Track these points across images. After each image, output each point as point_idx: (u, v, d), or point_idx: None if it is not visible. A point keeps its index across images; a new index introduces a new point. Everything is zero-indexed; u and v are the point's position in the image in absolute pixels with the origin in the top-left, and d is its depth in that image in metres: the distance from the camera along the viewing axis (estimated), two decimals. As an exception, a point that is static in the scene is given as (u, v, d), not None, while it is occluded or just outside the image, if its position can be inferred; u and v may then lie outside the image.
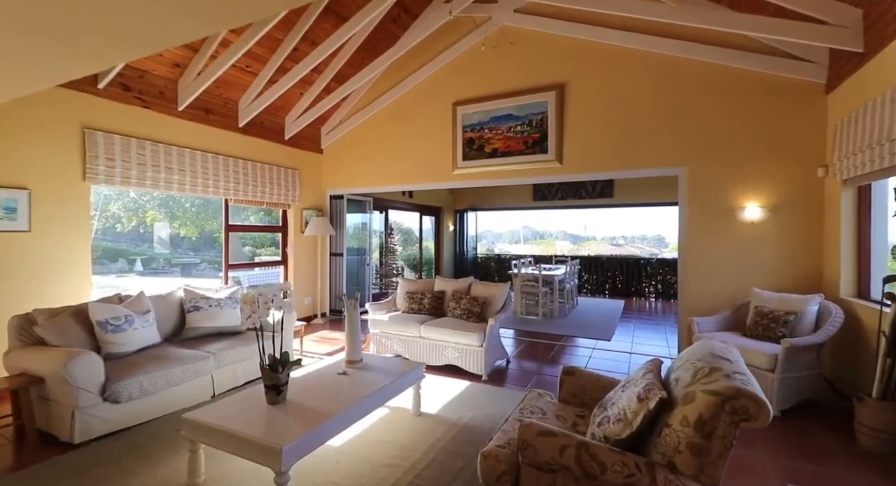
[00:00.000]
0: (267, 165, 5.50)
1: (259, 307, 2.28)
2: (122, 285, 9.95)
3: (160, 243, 10.67)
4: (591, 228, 21.44)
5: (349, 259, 6.81)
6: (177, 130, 4.50)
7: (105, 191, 9.39)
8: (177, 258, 11.09)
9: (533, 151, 4.98)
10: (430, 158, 5.65)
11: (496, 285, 4.23)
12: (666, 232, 17.96)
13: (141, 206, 9.80)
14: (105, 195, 9.26)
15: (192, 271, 9.66)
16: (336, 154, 6.43)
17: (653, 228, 19.28)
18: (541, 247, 33.95)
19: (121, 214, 9.78)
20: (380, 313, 4.44)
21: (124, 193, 9.18)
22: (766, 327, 3.32)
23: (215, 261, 10.07)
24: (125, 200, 9.60)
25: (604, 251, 27.48)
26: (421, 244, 10.04)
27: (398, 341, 4.15)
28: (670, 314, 7.14)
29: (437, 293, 4.43)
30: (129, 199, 9.57)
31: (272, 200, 5.60)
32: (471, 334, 3.71)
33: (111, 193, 9.28)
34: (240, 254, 10.00)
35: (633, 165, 4.49)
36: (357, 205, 7.07)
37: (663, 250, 35.46)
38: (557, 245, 34.61)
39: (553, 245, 34.53)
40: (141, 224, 10.65)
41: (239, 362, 3.49)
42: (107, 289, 9.30)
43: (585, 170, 4.74)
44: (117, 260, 11.03)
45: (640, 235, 34.58)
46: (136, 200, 9.62)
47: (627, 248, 34.19)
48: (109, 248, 10.90)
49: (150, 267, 11.07)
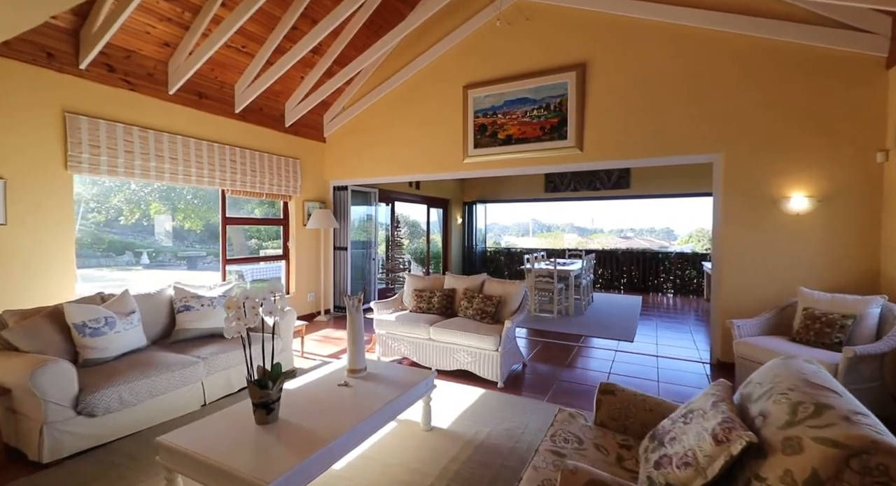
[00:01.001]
0: (266, 155, 5.19)
1: (246, 313, 1.96)
2: (128, 277, 9.80)
3: (165, 236, 10.48)
4: (598, 221, 20.93)
5: (354, 253, 6.51)
6: (168, 115, 4.19)
7: (105, 182, 9.17)
8: (183, 251, 10.90)
9: (551, 137, 4.60)
10: (439, 146, 5.30)
11: (512, 282, 3.89)
12: (675, 224, 17.43)
13: (142, 198, 9.58)
14: (106, 187, 9.05)
15: (199, 263, 9.46)
16: (339, 143, 6.09)
17: (662, 221, 18.67)
18: (548, 240, 33.53)
19: (122, 207, 9.58)
20: (385, 312, 4.14)
21: (125, 184, 8.96)
22: (819, 333, 2.96)
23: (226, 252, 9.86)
24: (126, 192, 9.38)
25: (613, 244, 26.98)
26: (428, 238, 9.71)
27: (406, 344, 3.84)
28: (690, 311, 6.76)
29: (447, 292, 4.11)
30: (130, 191, 9.34)
31: (272, 192, 5.29)
32: (485, 337, 3.38)
33: (111, 184, 9.06)
34: (244, 247, 9.77)
35: (662, 151, 4.10)
36: (362, 196, 6.75)
37: (672, 242, 34.80)
38: (565, 238, 34.16)
39: (561, 238, 34.08)
40: (144, 217, 10.45)
41: (234, 367, 3.20)
42: (109, 283, 9.10)
43: (608, 157, 4.36)
44: (124, 253, 10.85)
45: (648, 227, 33.78)
46: (137, 192, 9.40)
47: (637, 241, 33.69)
48: (116, 240, 10.72)
49: (157, 260, 10.89)
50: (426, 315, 3.96)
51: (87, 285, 8.53)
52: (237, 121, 4.87)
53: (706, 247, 29.59)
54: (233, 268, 9.02)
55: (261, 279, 7.77)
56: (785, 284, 3.60)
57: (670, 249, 11.52)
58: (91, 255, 10.04)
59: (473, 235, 10.26)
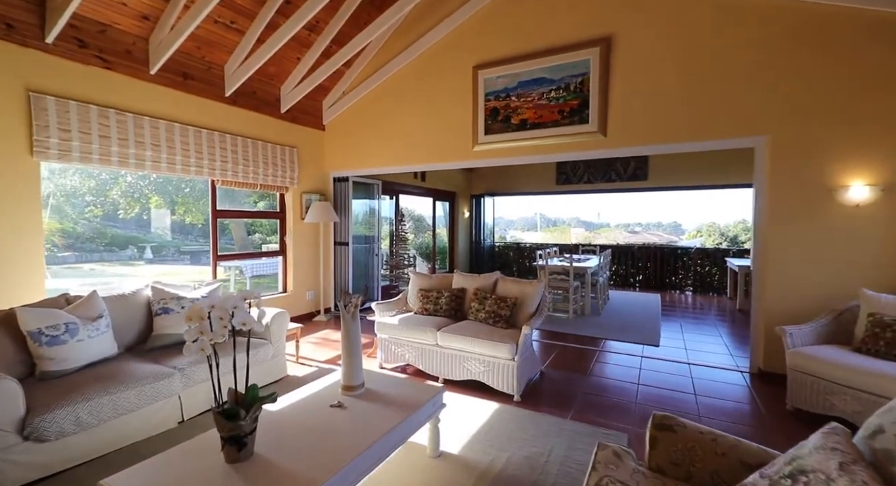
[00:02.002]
0: (260, 143, 4.80)
1: (212, 327, 1.59)
2: (129, 273, 9.53)
3: (167, 230, 10.20)
4: (604, 215, 20.46)
5: (356, 248, 6.14)
6: (149, 97, 3.81)
7: (102, 175, 8.86)
8: (186, 245, 10.61)
9: (570, 120, 4.17)
10: (447, 133, 4.88)
11: (528, 282, 3.49)
12: (683, 219, 16.93)
13: (140, 191, 9.28)
14: (102, 180, 8.74)
15: (202, 258, 9.18)
16: (339, 130, 5.70)
17: (669, 215, 18.15)
18: (554, 235, 32.97)
19: (119, 201, 9.29)
20: (388, 314, 3.76)
21: (120, 176, 8.64)
22: (892, 343, 2.53)
23: (226, 249, 9.55)
24: (122, 185, 9.08)
25: (621, 239, 26.44)
26: (434, 232, 9.32)
27: (410, 349, 3.47)
28: (715, 311, 6.32)
29: (456, 292, 3.72)
30: (126, 184, 9.04)
31: (267, 183, 4.91)
32: (499, 344, 2.99)
33: (107, 177, 8.75)
34: (246, 242, 9.44)
35: (697, 135, 3.66)
36: (364, 189, 6.36)
37: (680, 237, 33.99)
38: (572, 233, 33.58)
39: (567, 233, 33.52)
40: (144, 210, 10.15)
41: (223, 376, 2.84)
42: (109, 278, 8.80)
43: (634, 143, 3.92)
44: (127, 247, 10.58)
45: (655, 222, 33.07)
46: (134, 185, 9.10)
47: (646, 235, 33.02)
48: (119, 235, 10.44)
49: (160, 255, 10.61)
50: (433, 318, 3.58)
51: (84, 282, 8.22)
52: (228, 105, 4.48)
53: (717, 242, 28.68)
54: (227, 264, 8.71)
55: (261, 275, 7.43)
56: (841, 285, 3.17)
57: (688, 244, 11.05)
58: (93, 249, 9.77)
59: (481, 229, 9.85)
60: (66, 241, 8.82)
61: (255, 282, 8.35)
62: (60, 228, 8.64)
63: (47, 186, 8.01)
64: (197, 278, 10.27)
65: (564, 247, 9.31)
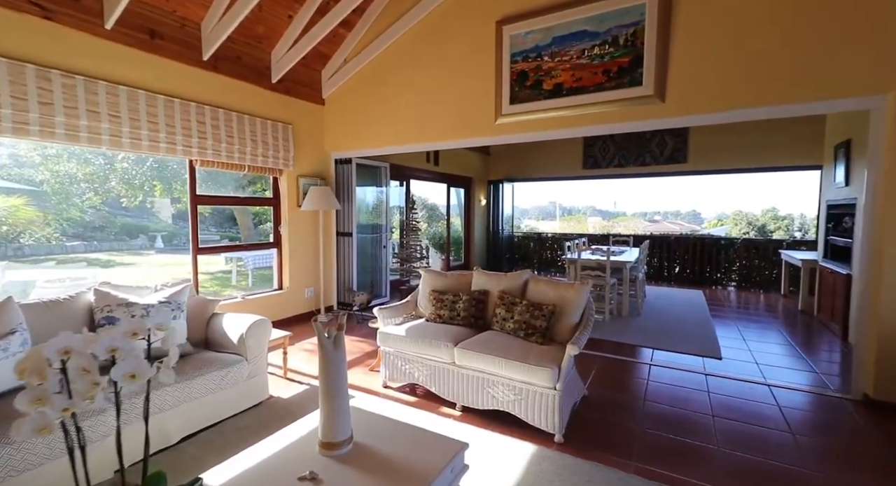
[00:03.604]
0: (248, 117, 4.13)
1: (68, 384, 0.92)
2: (138, 262, 9.11)
3: (179, 218, 9.75)
4: (620, 203, 19.55)
5: (361, 239, 5.48)
6: (105, 57, 3.15)
7: (97, 160, 8.32)
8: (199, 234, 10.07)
9: (618, 83, 3.37)
10: (464, 104, 4.13)
11: (569, 285, 2.76)
12: (703, 206, 15.94)
13: (136, 177, 8.77)
14: (96, 165, 8.25)
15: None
16: (341, 105, 4.98)
17: (688, 203, 17.17)
18: (570, 224, 31.86)
19: (117, 187, 8.81)
20: (393, 320, 3.08)
21: (115, 160, 8.13)
22: None
23: (237, 238, 9.03)
24: (119, 171, 8.58)
25: (639, 228, 25.21)
26: (448, 221, 8.60)
27: (420, 367, 2.79)
28: (765, 311, 5.48)
29: (477, 295, 3.01)
30: (122, 169, 8.54)
31: (256, 164, 4.25)
32: (536, 368, 2.28)
33: (102, 161, 8.24)
34: (253, 232, 8.89)
35: (790, 97, 2.83)
36: (370, 173, 5.66)
37: (701, 226, 32.38)
38: (589, 222, 32.44)
39: (584, 222, 32.41)
40: (148, 198, 9.68)
41: (175, 407, 2.22)
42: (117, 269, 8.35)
43: (703, 108, 3.11)
44: (137, 236, 10.16)
45: (673, 210, 31.32)
46: (129, 171, 8.59)
47: (665, 224, 31.74)
48: (129, 223, 10.03)
49: (172, 244, 10.19)
50: (448, 328, 2.89)
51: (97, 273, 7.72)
52: (207, 71, 3.81)
53: (743, 231, 27.25)
54: (231, 255, 8.14)
55: (266, 267, 6.83)
56: None
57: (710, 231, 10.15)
58: (103, 238, 9.34)
59: (499, 218, 9.08)
60: (73, 230, 8.39)
61: (259, 274, 7.80)
62: (67, 216, 8.21)
63: (41, 173, 7.54)
64: (204, 269, 9.77)
65: (592, 237, 8.49)
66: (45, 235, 7.51)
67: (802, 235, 21.95)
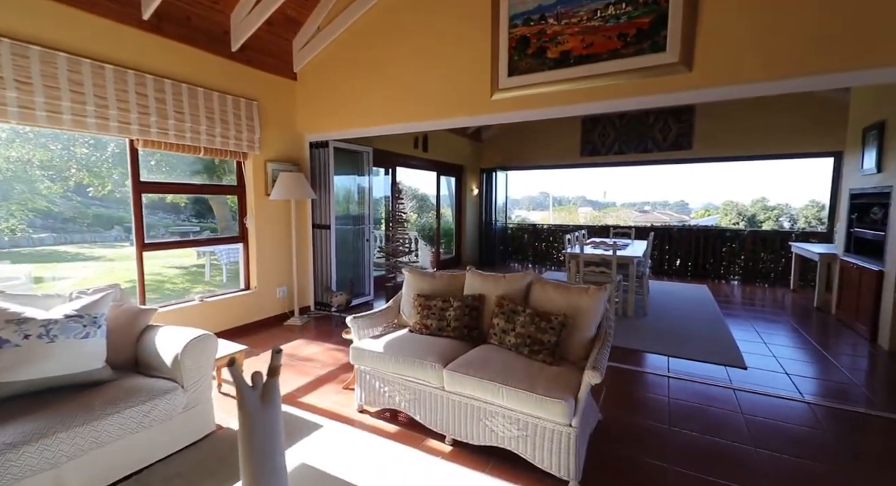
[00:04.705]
0: (202, 90, 3.53)
1: None
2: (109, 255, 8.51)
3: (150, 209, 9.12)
4: (610, 193, 19.41)
5: (341, 232, 4.94)
6: (7, 6, 2.54)
7: (52, 146, 7.65)
8: (178, 225, 9.42)
9: (637, 48, 2.86)
10: (456, 78, 3.59)
11: (582, 290, 2.27)
12: (690, 196, 15.86)
13: (97, 164, 8.08)
14: (51, 150, 7.54)
15: (190, 238, 8.07)
16: (315, 79, 4.40)
17: (676, 193, 17.11)
18: (561, 214, 31.56)
19: (78, 174, 8.11)
20: (370, 332, 2.58)
21: (73, 146, 7.45)
22: None
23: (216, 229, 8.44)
24: (79, 157, 7.87)
25: (629, 219, 24.96)
26: (438, 212, 8.08)
27: (402, 390, 2.29)
28: (776, 307, 5.10)
29: (471, 300, 2.51)
30: (83, 154, 7.84)
31: (214, 146, 3.67)
32: (547, 400, 1.80)
33: (61, 146, 7.56)
34: (231, 225, 8.32)
35: (850, 62, 2.35)
36: (350, 158, 5.10)
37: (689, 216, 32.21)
38: (580, 212, 32.15)
39: (574, 212, 32.12)
40: (118, 187, 9.00)
41: (78, 457, 1.69)
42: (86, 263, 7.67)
43: (738, 78, 2.62)
44: (112, 228, 9.50)
45: (661, 200, 31.20)
46: (89, 157, 7.89)
47: (655, 214, 31.67)
48: (102, 214, 9.34)
49: (149, 235, 9.56)
50: (436, 340, 2.39)
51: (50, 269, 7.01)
52: (148, 33, 3.20)
53: (734, 221, 27.13)
54: (203, 249, 7.51)
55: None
56: None
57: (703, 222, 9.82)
58: (75, 229, 8.64)
59: (492, 208, 8.58)
60: (42, 221, 7.72)
61: (235, 269, 7.23)
62: (33, 206, 7.53)
63: (-8, 159, 6.81)
64: (178, 263, 9.09)
65: (591, 229, 8.05)
66: (10, 227, 6.86)
67: (791, 225, 21.90)
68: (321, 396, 2.69)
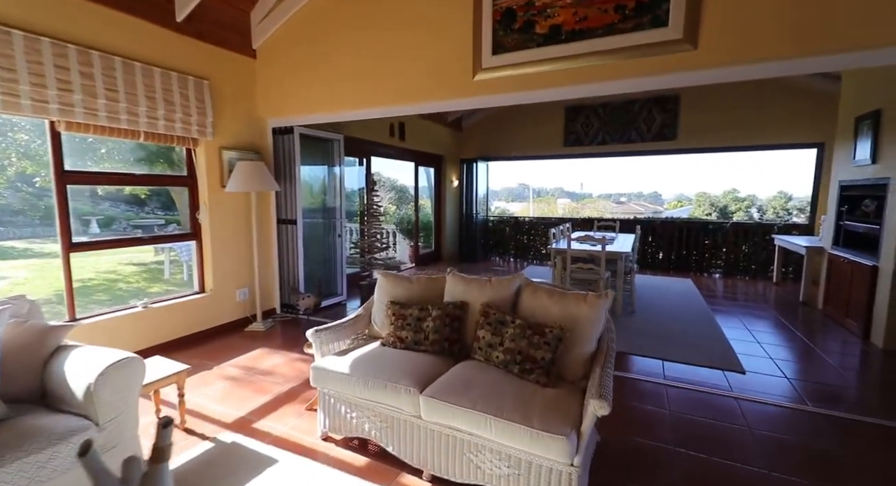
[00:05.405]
0: (140, 65, 3.05)
1: None
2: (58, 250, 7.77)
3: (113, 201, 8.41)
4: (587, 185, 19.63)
5: (309, 227, 4.53)
6: None
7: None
8: (142, 218, 8.73)
9: (635, 23, 2.55)
10: (434, 55, 3.22)
11: (580, 297, 1.98)
12: (663, 188, 16.09)
13: (37, 150, 7.35)
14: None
15: (155, 232, 7.48)
16: (278, 58, 3.94)
17: (650, 185, 17.30)
18: (540, 206, 31.54)
19: (25, 164, 7.37)
20: (336, 346, 2.23)
21: (11, 129, 6.72)
22: None
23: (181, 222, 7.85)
24: (19, 142, 7.13)
25: (606, 210, 25.13)
26: (417, 204, 7.71)
27: (372, 416, 1.96)
28: (760, 300, 4.99)
29: (452, 310, 2.19)
30: (22, 140, 7.09)
31: (156, 131, 3.19)
32: (544, 435, 1.49)
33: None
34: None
35: (870, 38, 2.11)
36: (319, 147, 4.67)
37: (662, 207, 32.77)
38: (558, 204, 32.19)
39: (553, 204, 32.18)
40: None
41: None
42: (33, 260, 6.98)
43: (750, 57, 2.35)
44: None
45: (636, 191, 31.80)
46: (29, 143, 7.15)
47: (631, 205, 32.06)
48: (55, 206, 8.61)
49: (110, 229, 8.86)
50: (412, 356, 2.07)
51: None
52: (69, -5, 2.70)
53: (707, 212, 27.56)
54: (163, 246, 6.94)
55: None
56: None
57: (673, 213, 9.81)
58: (25, 223, 7.88)
59: (473, 200, 8.26)
60: None
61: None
62: None
63: None
64: (138, 259, 8.42)
65: (577, 222, 7.84)
66: (-56, 220, 6.13)
67: (761, 216, 22.41)
68: (280, 419, 2.33)
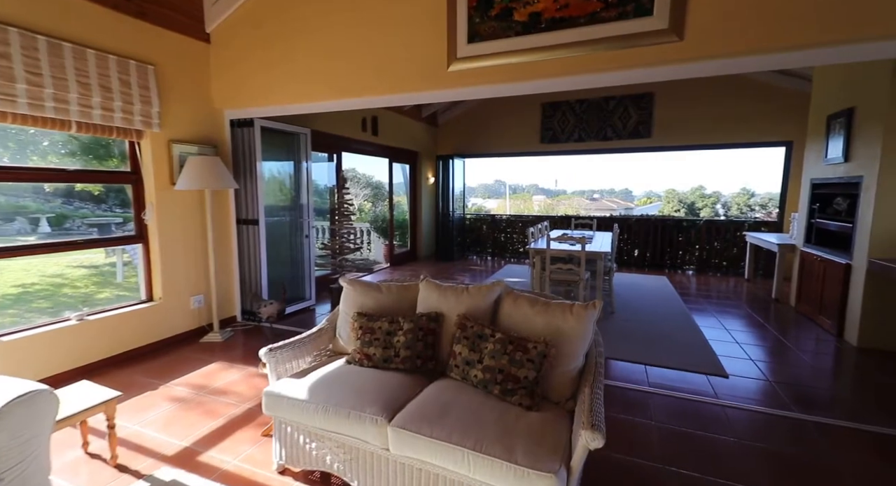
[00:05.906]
0: (71, 46, 2.68)
1: None
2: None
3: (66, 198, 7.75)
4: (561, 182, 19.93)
5: (274, 227, 4.22)
6: None
7: None
8: (99, 216, 8.07)
9: (619, 11, 2.40)
10: (405, 44, 2.98)
11: (566, 307, 1.81)
12: (633, 185, 16.49)
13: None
14: None
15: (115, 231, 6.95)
16: (235, 42, 3.60)
17: (621, 182, 17.75)
18: (516, 203, 31.67)
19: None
20: (295, 365, 1.98)
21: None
22: None
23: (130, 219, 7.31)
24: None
25: (581, 207, 25.46)
26: (391, 202, 7.45)
27: (335, 448, 1.73)
28: (733, 297, 5.02)
29: (425, 322, 1.98)
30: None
31: (92, 121, 2.83)
32: (529, 473, 1.31)
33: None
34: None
35: (871, 28, 2.02)
36: (284, 141, 4.35)
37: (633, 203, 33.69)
38: (534, 201, 32.40)
39: (529, 201, 32.33)
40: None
41: None
42: None
43: (739, 49, 2.23)
44: (13, 219, 7.97)
45: (608, 188, 32.68)
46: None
47: (605, 202, 32.63)
48: (1, 204, 7.88)
49: (62, 228, 8.16)
50: (381, 375, 1.85)
51: None
52: (-25, -39, 2.31)
53: (675, 209, 28.42)
54: (115, 248, 6.44)
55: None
56: None
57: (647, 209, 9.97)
58: None
59: (449, 198, 8.05)
60: None
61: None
62: None
63: None
64: (89, 261, 7.81)
65: (554, 220, 7.75)
66: None
67: (726, 212, 23.17)
68: (232, 449, 2.06)
